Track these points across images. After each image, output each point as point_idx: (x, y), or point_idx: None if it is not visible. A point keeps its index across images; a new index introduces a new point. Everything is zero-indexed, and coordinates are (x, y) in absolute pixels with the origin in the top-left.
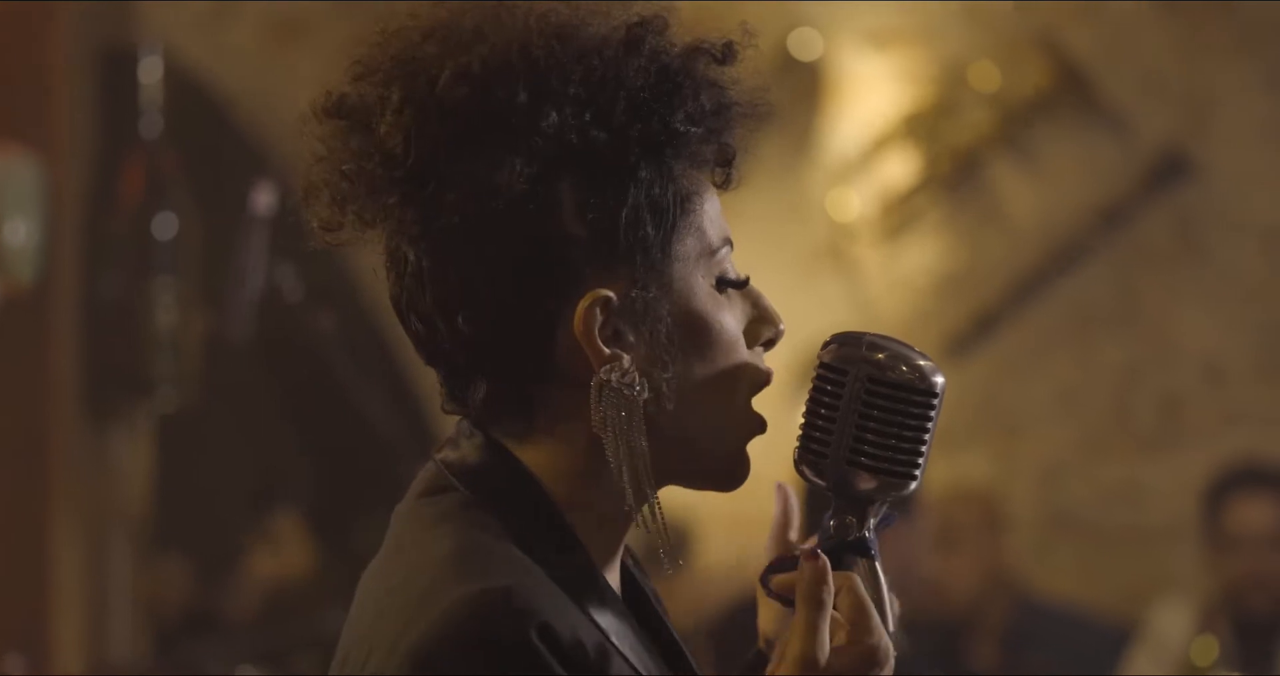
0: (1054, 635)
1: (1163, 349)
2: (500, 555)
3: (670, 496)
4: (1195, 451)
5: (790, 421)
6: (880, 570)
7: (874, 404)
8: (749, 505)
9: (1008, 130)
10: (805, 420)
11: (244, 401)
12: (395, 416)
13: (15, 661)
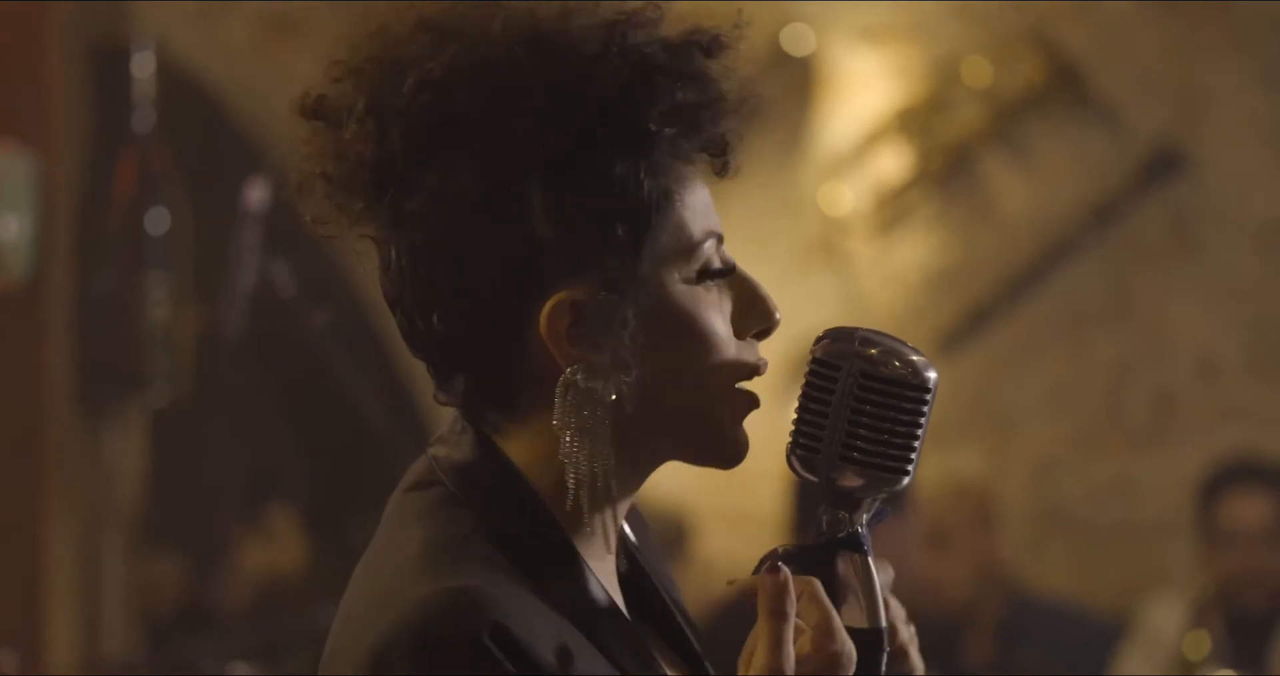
0: (1048, 631)
1: (1156, 345)
2: (467, 554)
3: (667, 492)
4: (1188, 447)
5: (783, 416)
6: (873, 565)
7: (866, 399)
8: (745, 501)
9: (1000, 126)
10: (798, 415)
11: (237, 397)
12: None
13: (8, 657)
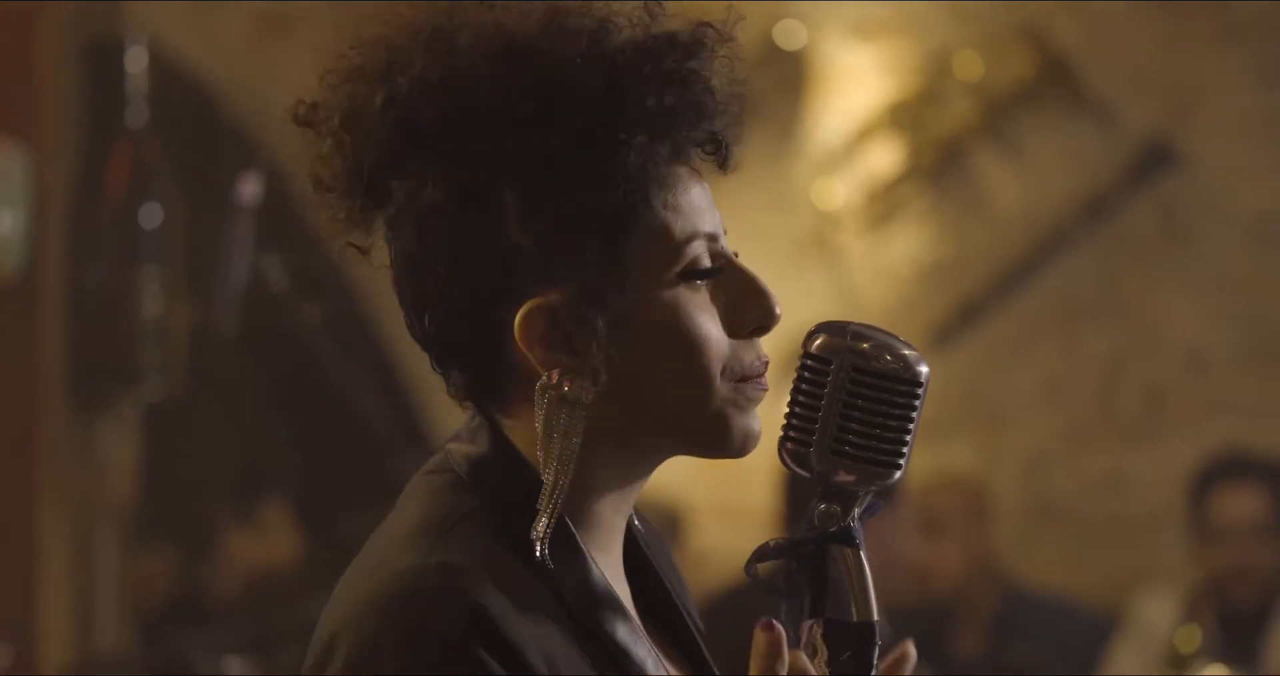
0: (1040, 624)
1: (1147, 339)
2: (457, 534)
3: (660, 486)
4: (1179, 441)
5: (775, 411)
6: (865, 559)
7: (858, 393)
8: (738, 495)
9: (992, 120)
10: (789, 409)
11: (230, 391)
12: (381, 405)
13: (2, 651)
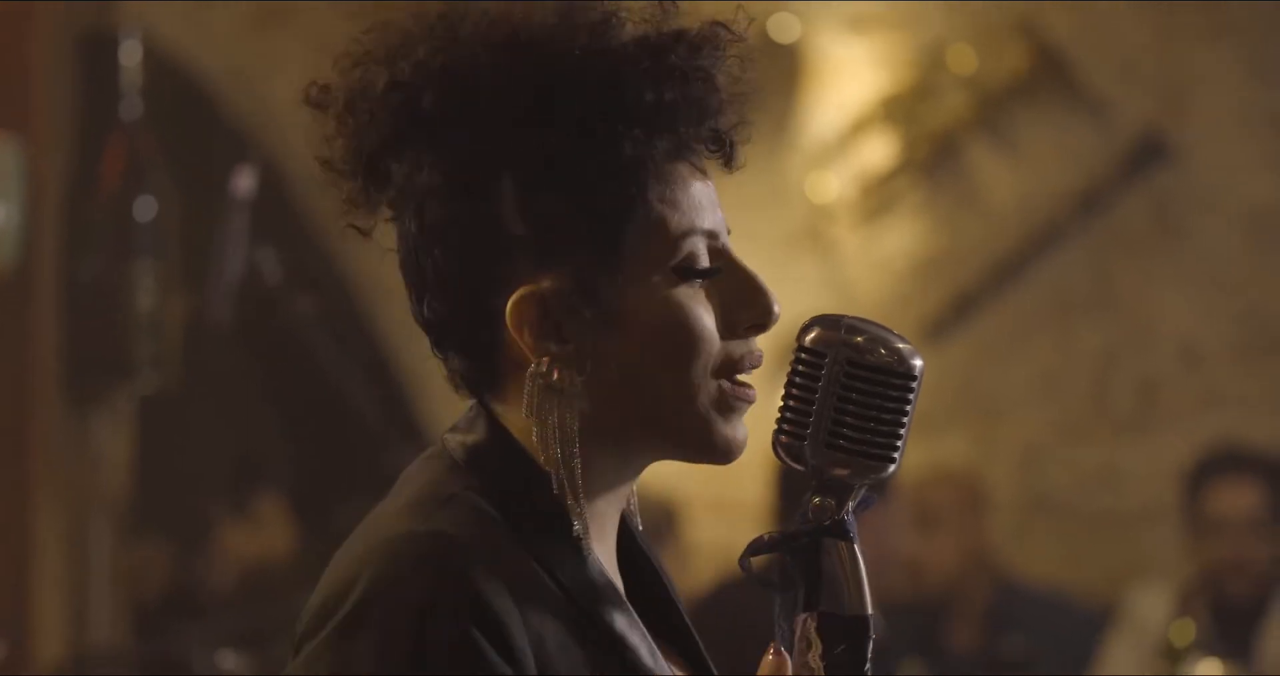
0: (1034, 618)
1: (1140, 333)
2: (454, 506)
3: (652, 480)
4: (1173, 435)
5: (769, 404)
6: (859, 553)
7: (852, 387)
8: (731, 489)
9: (986, 114)
10: (783, 403)
11: (224, 384)
12: (376, 399)
13: None
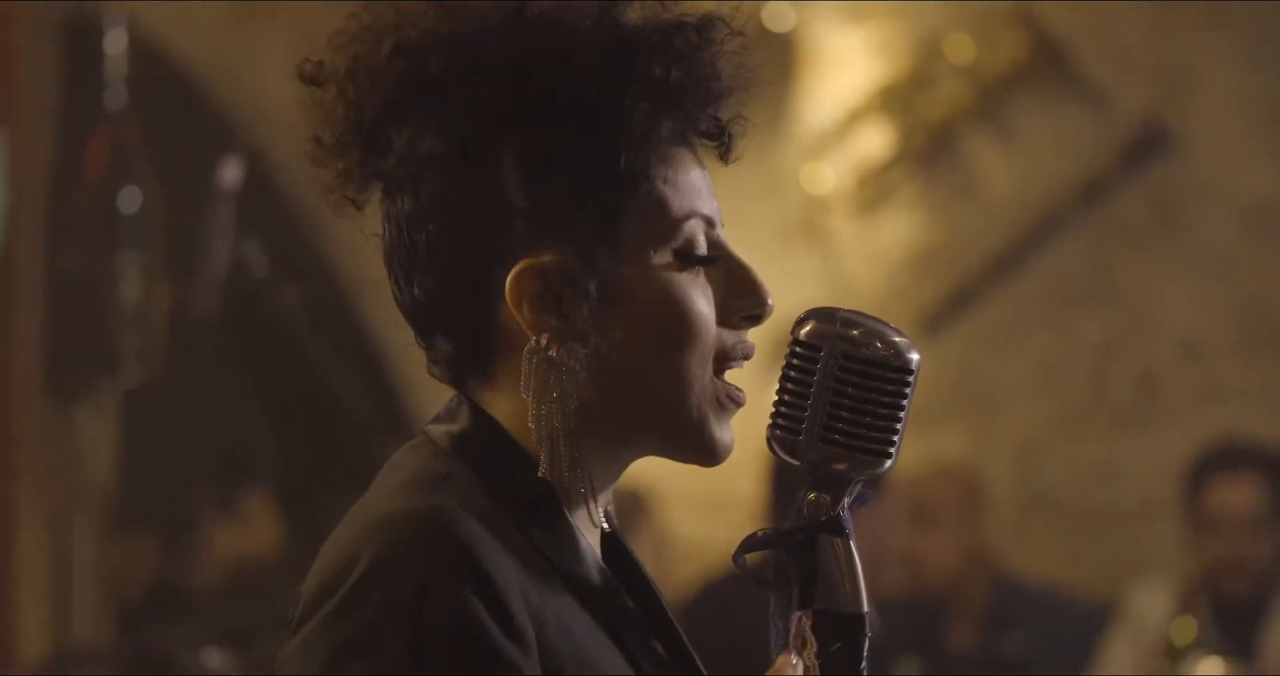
0: (1033, 616)
1: (1140, 325)
2: (449, 484)
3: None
4: (1173, 429)
5: (763, 399)
6: (855, 550)
7: (848, 381)
8: (722, 485)
9: (983, 104)
10: (778, 397)
11: (210, 377)
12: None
13: None
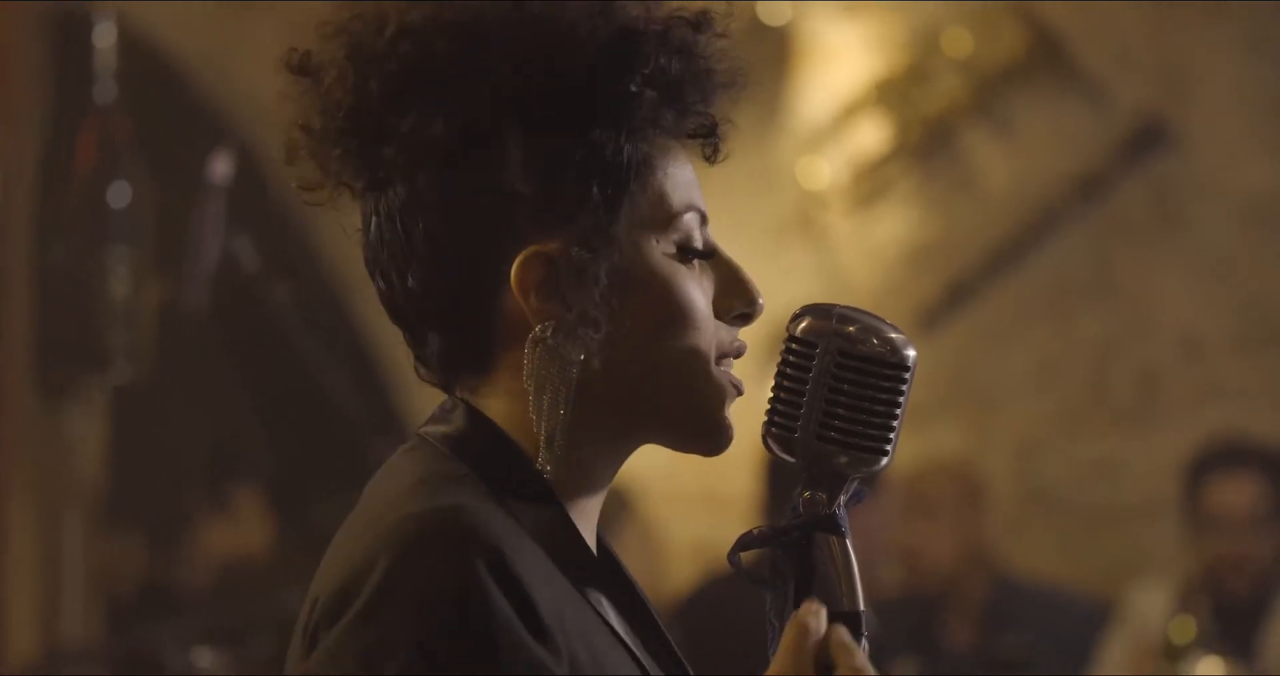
0: (1032, 615)
1: (1140, 322)
2: (460, 484)
3: (638, 474)
4: (1173, 427)
5: (758, 395)
6: (851, 548)
7: (844, 378)
8: (718, 483)
9: (981, 98)
10: (773, 394)
11: (200, 374)
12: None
13: None
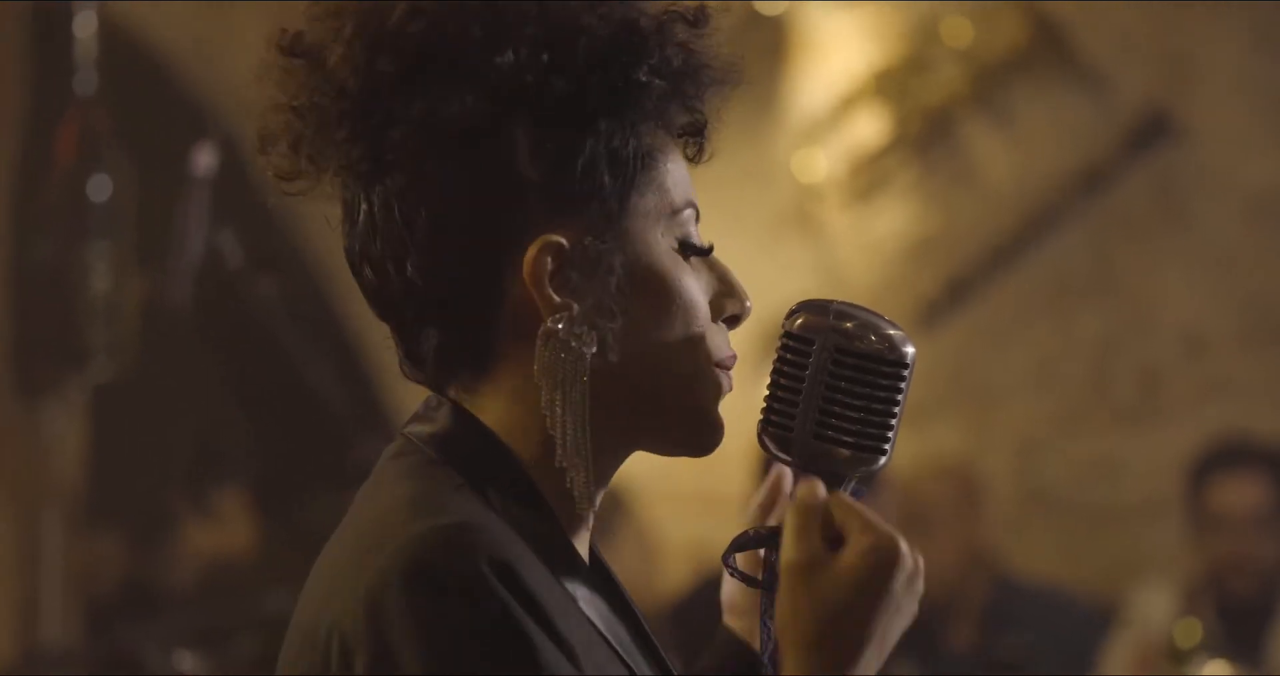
0: (1033, 616)
1: (1142, 319)
2: (458, 499)
3: (632, 475)
4: (1176, 425)
5: (754, 393)
6: None
7: (841, 375)
8: (713, 483)
9: (981, 89)
10: (769, 392)
11: (183, 371)
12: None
13: None
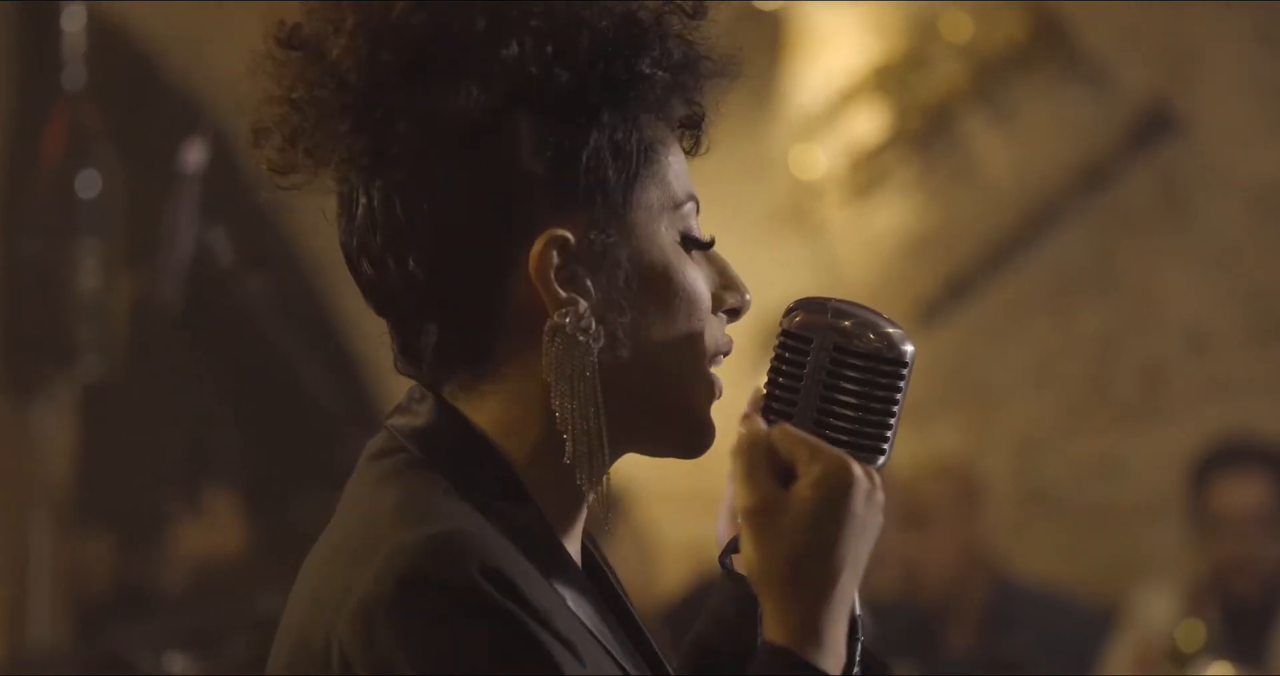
0: (1033, 617)
1: (1144, 315)
2: (446, 504)
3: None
4: (1178, 424)
5: (750, 392)
6: None
7: (840, 374)
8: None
9: (981, 84)
10: (767, 391)
11: (173, 369)
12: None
13: None
